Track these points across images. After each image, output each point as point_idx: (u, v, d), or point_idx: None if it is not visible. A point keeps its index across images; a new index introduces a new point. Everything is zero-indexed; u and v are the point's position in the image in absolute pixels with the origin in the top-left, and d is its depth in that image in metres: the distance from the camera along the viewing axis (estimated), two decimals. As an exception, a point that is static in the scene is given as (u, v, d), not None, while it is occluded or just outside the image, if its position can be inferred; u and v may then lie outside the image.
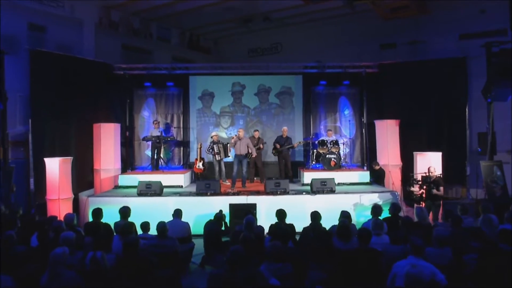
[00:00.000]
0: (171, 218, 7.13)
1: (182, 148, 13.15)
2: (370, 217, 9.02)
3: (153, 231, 6.26)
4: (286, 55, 16.34)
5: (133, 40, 14.78)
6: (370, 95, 12.59)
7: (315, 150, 11.73)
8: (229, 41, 18.34)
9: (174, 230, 6.29)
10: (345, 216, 6.19)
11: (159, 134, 11.80)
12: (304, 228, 6.17)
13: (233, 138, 10.61)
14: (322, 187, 9.15)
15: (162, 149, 12.21)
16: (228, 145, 11.22)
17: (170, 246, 5.42)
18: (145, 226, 6.47)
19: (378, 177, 11.13)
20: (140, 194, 9.32)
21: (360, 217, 8.86)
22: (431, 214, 8.38)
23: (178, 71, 12.74)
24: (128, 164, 12.82)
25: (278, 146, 11.58)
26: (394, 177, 11.48)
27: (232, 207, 8.41)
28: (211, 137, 11.67)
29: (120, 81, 12.72)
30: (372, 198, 9.08)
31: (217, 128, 13.00)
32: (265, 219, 8.68)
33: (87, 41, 13.07)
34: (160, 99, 13.12)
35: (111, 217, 7.68)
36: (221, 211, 7.49)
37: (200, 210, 9.03)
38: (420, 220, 6.14)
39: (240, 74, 12.95)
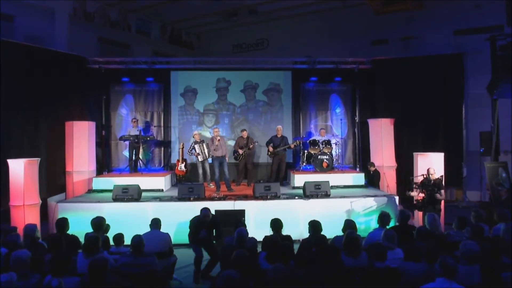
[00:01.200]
0: (149, 228, 6.22)
1: (163, 149, 12.26)
2: (368, 222, 8.51)
3: (128, 242, 5.39)
4: (273, 52, 15.57)
5: (111, 33, 13.78)
6: (363, 93, 11.96)
7: (305, 151, 11.00)
8: (213, 36, 17.49)
9: (152, 244, 5.43)
10: (351, 226, 5.46)
11: (137, 133, 10.88)
12: (304, 241, 5.40)
13: (218, 140, 9.78)
14: (316, 191, 8.41)
15: (141, 150, 11.29)
16: (205, 146, 10.39)
17: (147, 265, 4.57)
18: (119, 238, 5.62)
19: (372, 179, 10.48)
20: (115, 199, 8.42)
21: (358, 224, 8.16)
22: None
23: (159, 66, 11.84)
24: (104, 165, 11.89)
25: (271, 148, 10.78)
26: (389, 179, 10.86)
27: (218, 214, 7.59)
28: (193, 137, 10.83)
29: (96, 75, 11.79)
30: (369, 202, 8.40)
31: (200, 127, 12.16)
32: (254, 226, 7.97)
33: (60, 33, 12.05)
34: (139, 96, 12.21)
35: (82, 225, 7.03)
36: (207, 215, 6.51)
37: (182, 217, 8.16)
38: (433, 229, 5.44)
39: (225, 70, 12.14)
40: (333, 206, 8.32)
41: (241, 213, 7.57)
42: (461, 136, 11.45)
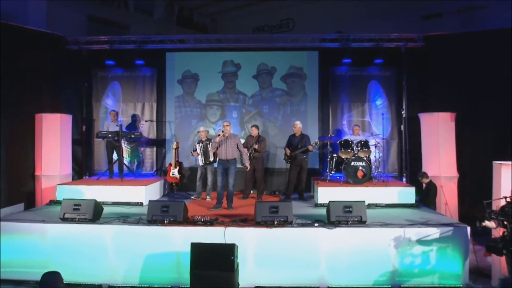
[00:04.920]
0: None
1: (155, 149, 9.86)
2: (425, 262, 5.75)
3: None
4: (299, 34, 12.91)
5: (103, 10, 11.55)
6: (412, 79, 9.15)
7: (335, 155, 8.30)
8: (230, 17, 15.04)
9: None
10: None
11: (117, 129, 8.56)
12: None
13: (218, 135, 7.28)
14: (346, 216, 5.73)
15: (126, 150, 9.00)
16: (209, 146, 7.92)
17: None
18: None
19: (427, 196, 7.67)
20: (63, 218, 6.09)
21: (407, 266, 5.49)
22: None
23: (151, 46, 9.46)
24: (84, 169, 9.65)
25: (288, 151, 8.22)
26: (448, 195, 8.05)
27: (196, 249, 5.07)
28: (198, 133, 8.41)
29: (76, 59, 9.57)
30: (425, 232, 5.63)
31: (202, 122, 9.70)
32: (255, 264, 5.63)
33: (35, 8, 9.87)
34: (127, 83, 9.88)
35: (19, 251, 5.96)
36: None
37: (152, 248, 5.80)
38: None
39: (234, 50, 9.59)
40: (370, 238, 5.61)
41: (230, 249, 5.01)
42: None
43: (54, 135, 8.80)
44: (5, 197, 8.13)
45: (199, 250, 5.10)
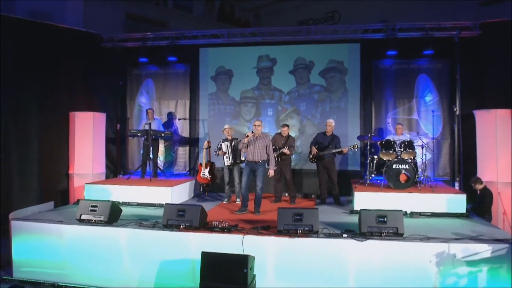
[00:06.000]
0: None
1: (188, 148, 9.57)
2: (473, 280, 4.93)
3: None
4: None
5: (141, 8, 11.46)
6: (467, 72, 8.17)
7: (375, 157, 7.54)
8: (274, 12, 14.51)
9: None
10: None
11: (154, 126, 8.42)
12: None
13: (246, 136, 6.81)
14: (379, 227, 5.04)
15: (156, 149, 8.78)
16: (239, 146, 7.46)
17: None
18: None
19: (480, 204, 6.72)
20: (80, 220, 5.90)
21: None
22: None
23: (184, 41, 9.17)
24: (119, 167, 9.58)
25: (314, 150, 7.59)
26: (506, 203, 7.03)
27: (206, 258, 4.64)
28: (223, 132, 8.01)
29: (111, 57, 9.50)
30: (473, 249, 4.81)
31: (236, 120, 9.29)
32: (275, 277, 5.13)
33: (72, 8, 9.94)
34: (163, 81, 9.67)
35: (37, 252, 5.87)
36: None
37: (167, 254, 5.45)
38: None
39: (270, 44, 9.07)
40: (407, 253, 4.88)
41: (244, 261, 4.52)
42: None
43: (86, 134, 8.79)
44: (38, 195, 8.21)
45: (210, 260, 4.68)
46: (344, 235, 5.12)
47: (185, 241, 5.42)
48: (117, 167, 9.62)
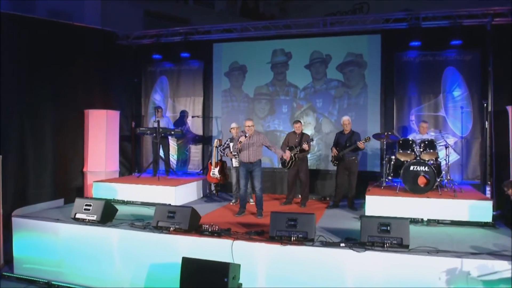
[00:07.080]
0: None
1: (201, 147, 9.31)
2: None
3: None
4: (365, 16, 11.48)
5: (160, 5, 11.28)
6: (500, 64, 7.30)
7: (392, 157, 6.93)
8: (300, 5, 13.92)
9: None
10: None
11: (163, 124, 8.25)
12: None
13: (239, 142, 6.39)
14: (381, 236, 4.51)
15: (172, 147, 8.62)
16: (232, 151, 7.08)
17: None
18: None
19: (511, 210, 5.97)
20: (74, 218, 5.77)
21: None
22: None
23: (197, 37, 8.91)
24: (133, 165, 9.49)
25: (335, 151, 7.08)
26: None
27: (186, 264, 4.32)
28: (230, 130, 7.67)
29: (127, 54, 9.41)
30: (491, 266, 4.18)
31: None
32: (265, 286, 4.67)
33: (90, 6, 9.93)
34: (175, 77, 9.47)
35: (35, 249, 5.87)
36: None
37: (156, 256, 5.22)
38: None
39: (284, 37, 8.61)
40: (413, 268, 4.32)
41: (224, 269, 4.15)
42: None
43: (99, 131, 8.73)
44: (52, 192, 8.19)
45: (190, 267, 4.37)
46: (342, 244, 4.63)
47: (174, 244, 5.15)
48: (132, 165, 9.53)
